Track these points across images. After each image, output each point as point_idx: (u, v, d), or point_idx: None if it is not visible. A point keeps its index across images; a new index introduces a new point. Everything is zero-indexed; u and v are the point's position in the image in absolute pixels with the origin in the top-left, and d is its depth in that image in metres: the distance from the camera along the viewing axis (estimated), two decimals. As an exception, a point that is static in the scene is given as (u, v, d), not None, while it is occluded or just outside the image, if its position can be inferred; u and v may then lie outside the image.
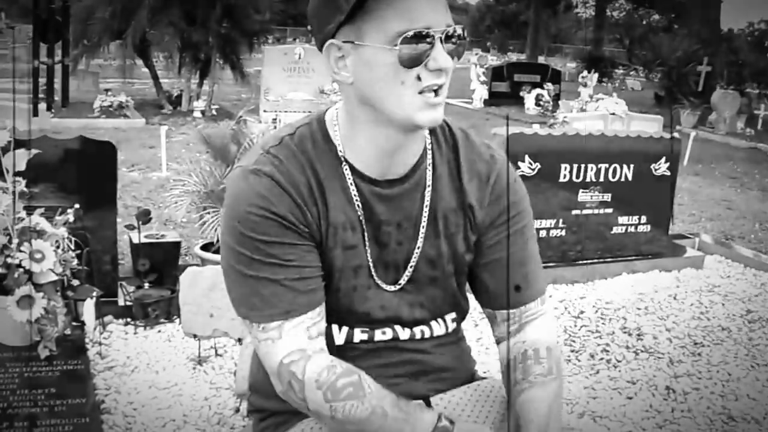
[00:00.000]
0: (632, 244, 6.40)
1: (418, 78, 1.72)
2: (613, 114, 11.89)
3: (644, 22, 61.91)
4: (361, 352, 1.98)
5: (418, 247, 1.97)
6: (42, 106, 13.72)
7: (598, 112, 12.21)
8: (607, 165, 6.10)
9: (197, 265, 5.03)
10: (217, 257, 4.99)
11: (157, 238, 5.08)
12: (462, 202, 1.99)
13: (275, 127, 7.54)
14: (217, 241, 5.07)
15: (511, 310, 2.04)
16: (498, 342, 2.11)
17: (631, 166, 6.21)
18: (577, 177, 6.00)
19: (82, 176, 4.64)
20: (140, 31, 15.16)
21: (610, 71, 35.58)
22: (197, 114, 15.44)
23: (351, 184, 1.89)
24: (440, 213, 1.97)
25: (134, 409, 3.67)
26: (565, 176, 5.95)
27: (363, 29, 1.72)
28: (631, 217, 6.35)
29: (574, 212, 6.06)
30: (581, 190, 6.04)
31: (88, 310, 4.03)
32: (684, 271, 6.42)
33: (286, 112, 13.71)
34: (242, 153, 5.19)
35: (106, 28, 15.49)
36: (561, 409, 2.02)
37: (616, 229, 6.31)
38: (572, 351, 4.67)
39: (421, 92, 1.73)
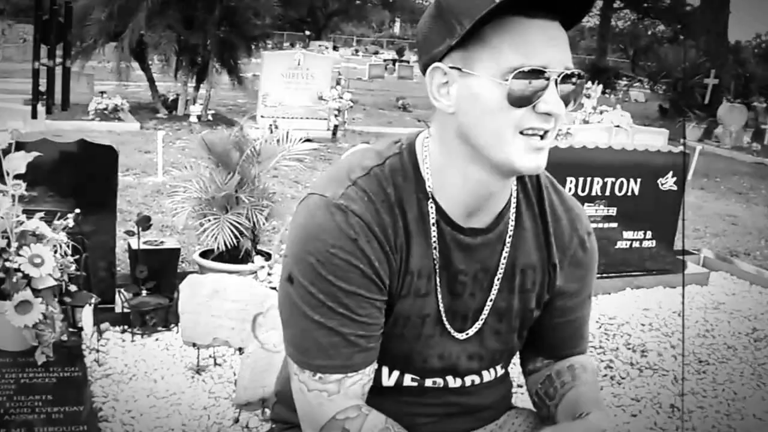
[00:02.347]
0: (637, 259, 6.43)
1: (526, 119, 1.62)
2: (618, 126, 11.91)
3: (649, 33, 62.07)
4: (406, 392, 1.95)
5: (491, 300, 1.90)
6: (41, 107, 13.72)
7: (603, 124, 12.23)
8: (613, 179, 6.14)
9: (196, 272, 5.06)
10: (217, 265, 5.07)
11: (156, 245, 5.10)
12: (545, 259, 1.94)
13: (271, 132, 7.56)
14: (218, 248, 5.09)
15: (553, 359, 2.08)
16: (530, 374, 2.12)
17: (638, 180, 6.25)
18: (583, 190, 6.04)
19: (82, 180, 4.66)
20: (137, 34, 15.16)
21: (613, 82, 35.63)
22: (193, 119, 15.42)
23: (434, 226, 1.81)
24: (518, 268, 1.90)
25: (132, 418, 3.70)
26: (570, 189, 5.98)
27: (473, 58, 1.63)
28: (636, 232, 6.38)
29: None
30: (586, 204, 6.07)
31: (86, 316, 4.06)
32: (689, 287, 6.46)
33: (284, 118, 13.76)
34: (244, 160, 5.22)
35: (102, 29, 15.48)
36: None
37: (620, 244, 6.35)
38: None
39: (522, 132, 1.63)
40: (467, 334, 1.91)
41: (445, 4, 1.66)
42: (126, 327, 4.60)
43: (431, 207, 1.79)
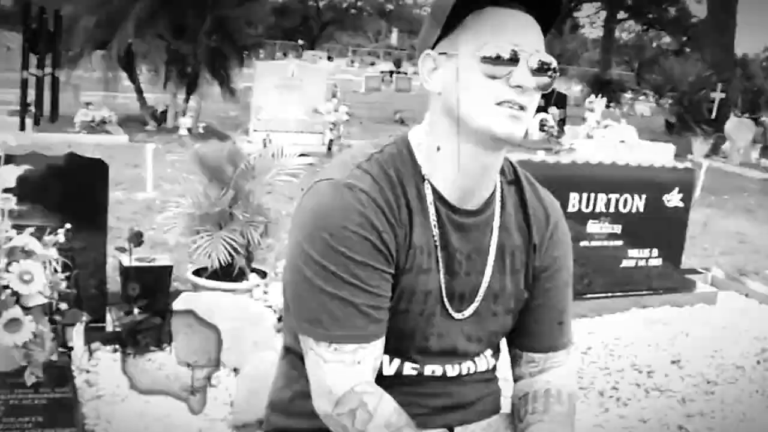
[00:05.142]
0: (643, 278, 6.46)
1: (501, 92, 1.85)
2: (623, 141, 11.96)
3: (654, 45, 62.30)
4: (406, 382, 2.07)
5: (486, 281, 2.08)
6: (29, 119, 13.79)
7: (607, 139, 12.28)
8: (618, 195, 6.17)
9: (188, 290, 5.09)
10: (211, 283, 5.09)
11: (148, 262, 5.12)
12: (527, 241, 2.14)
13: (265, 146, 7.59)
14: (212, 265, 5.11)
15: (539, 355, 2.20)
16: (516, 380, 2.25)
17: (643, 196, 6.28)
18: (587, 207, 6.07)
19: (72, 195, 4.68)
20: (125, 42, 15.17)
21: (618, 96, 35.72)
22: (183, 131, 15.43)
23: (431, 205, 2.00)
24: (507, 250, 2.11)
25: (125, 440, 3.73)
26: (573, 206, 6.01)
27: (457, 41, 1.90)
28: (641, 249, 6.42)
29: (583, 244, 6.11)
30: (590, 221, 6.11)
31: (77, 335, 4.08)
32: (696, 306, 6.49)
33: (278, 131, 13.68)
34: (238, 175, 5.24)
35: (89, 37, 15.51)
36: None
37: (626, 262, 6.38)
38: (580, 388, 4.72)
39: (500, 104, 1.85)
40: (464, 314, 2.08)
41: (436, 3, 1.94)
42: (117, 346, 4.62)
43: (428, 188, 2.00)
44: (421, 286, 2.00)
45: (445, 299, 2.04)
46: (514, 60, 1.84)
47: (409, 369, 2.07)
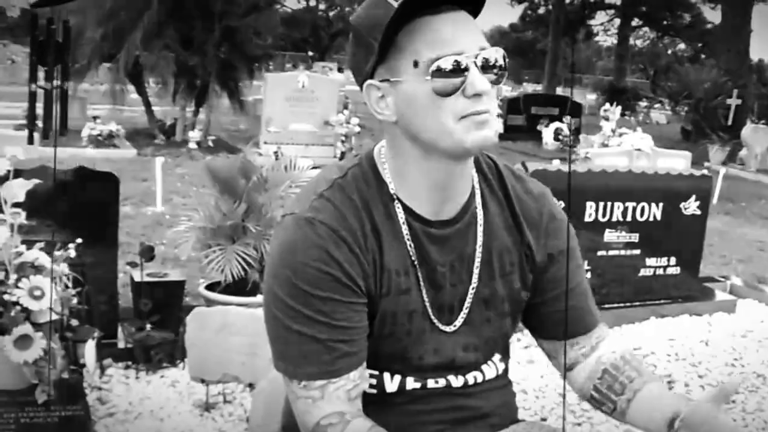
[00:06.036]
0: (661, 287, 6.46)
1: (460, 106, 1.79)
2: (639, 150, 11.94)
3: (669, 52, 62.27)
4: (411, 398, 2.04)
5: (473, 288, 2.03)
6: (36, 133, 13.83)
7: (623, 147, 12.26)
8: (634, 204, 6.17)
9: (200, 305, 5.08)
10: (224, 297, 5.09)
11: (160, 277, 5.12)
12: (518, 239, 2.07)
13: (276, 159, 7.61)
14: (225, 280, 5.10)
15: (580, 338, 2.13)
16: (570, 368, 2.16)
17: (660, 204, 6.28)
18: (603, 216, 6.07)
19: (82, 209, 4.68)
20: (133, 54, 15.16)
21: (633, 104, 35.67)
22: (192, 145, 15.42)
23: (404, 224, 1.96)
24: (495, 252, 2.04)
25: (138, 458, 3.73)
26: (590, 215, 6.01)
27: (397, 66, 1.83)
28: (659, 258, 6.41)
29: (600, 253, 6.11)
30: (607, 230, 6.10)
31: (89, 352, 4.08)
32: (715, 315, 6.48)
33: (288, 144, 13.70)
34: (251, 187, 5.25)
35: (95, 50, 15.52)
36: None
37: (643, 272, 6.38)
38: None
39: (463, 117, 1.79)
40: (455, 326, 2.04)
41: (360, 28, 1.88)
42: (130, 363, 4.62)
43: (398, 207, 1.96)
44: (403, 307, 1.97)
45: (431, 315, 2.01)
46: (463, 69, 1.77)
47: (411, 383, 2.04)
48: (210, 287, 5.33)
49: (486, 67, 1.80)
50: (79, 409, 3.95)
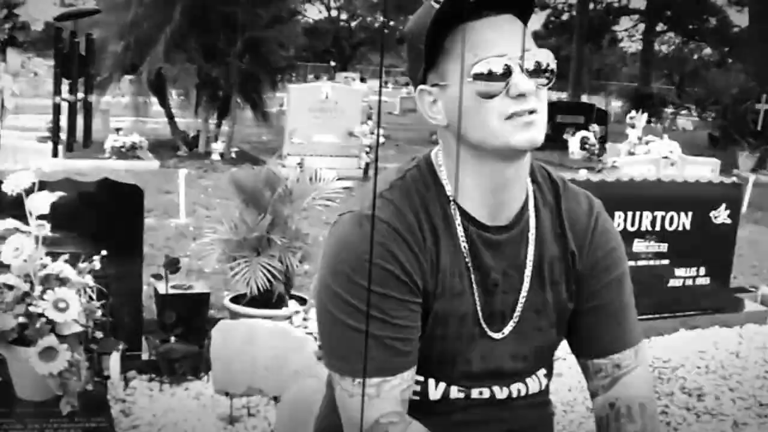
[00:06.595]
0: (691, 297, 6.42)
1: (505, 107, 1.82)
2: (666, 158, 11.89)
3: (695, 57, 62.01)
4: (453, 408, 2.05)
5: (524, 296, 2.04)
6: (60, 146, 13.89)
7: (650, 155, 12.22)
8: (663, 213, 6.14)
9: (225, 318, 5.10)
10: (249, 310, 5.10)
11: (185, 289, 5.13)
12: (564, 249, 2.08)
13: (301, 171, 7.62)
14: (250, 292, 5.11)
15: (603, 360, 2.10)
16: (593, 396, 2.16)
17: (689, 213, 6.25)
18: (632, 225, 6.04)
19: (106, 221, 4.71)
20: (155, 67, 15.24)
21: (659, 110, 35.54)
22: (215, 157, 15.48)
23: (459, 226, 1.98)
24: (546, 261, 2.06)
25: (162, 471, 3.74)
26: (619, 225, 5.97)
27: (445, 70, 1.88)
28: (689, 268, 6.37)
29: (629, 263, 6.04)
30: (636, 240, 6.07)
31: (113, 364, 4.10)
32: (746, 327, 6.43)
33: (312, 155, 13.72)
34: (276, 199, 5.25)
35: (118, 62, 15.62)
36: None
37: (673, 282, 6.34)
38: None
39: (509, 118, 1.82)
40: (503, 333, 2.05)
41: (409, 36, 1.95)
42: (154, 375, 4.64)
43: (454, 209, 1.99)
44: (455, 309, 1.98)
45: (482, 320, 2.02)
46: (505, 72, 1.81)
47: (455, 392, 2.05)
48: (235, 300, 5.34)
49: (532, 70, 1.84)
50: (103, 421, 3.97)
